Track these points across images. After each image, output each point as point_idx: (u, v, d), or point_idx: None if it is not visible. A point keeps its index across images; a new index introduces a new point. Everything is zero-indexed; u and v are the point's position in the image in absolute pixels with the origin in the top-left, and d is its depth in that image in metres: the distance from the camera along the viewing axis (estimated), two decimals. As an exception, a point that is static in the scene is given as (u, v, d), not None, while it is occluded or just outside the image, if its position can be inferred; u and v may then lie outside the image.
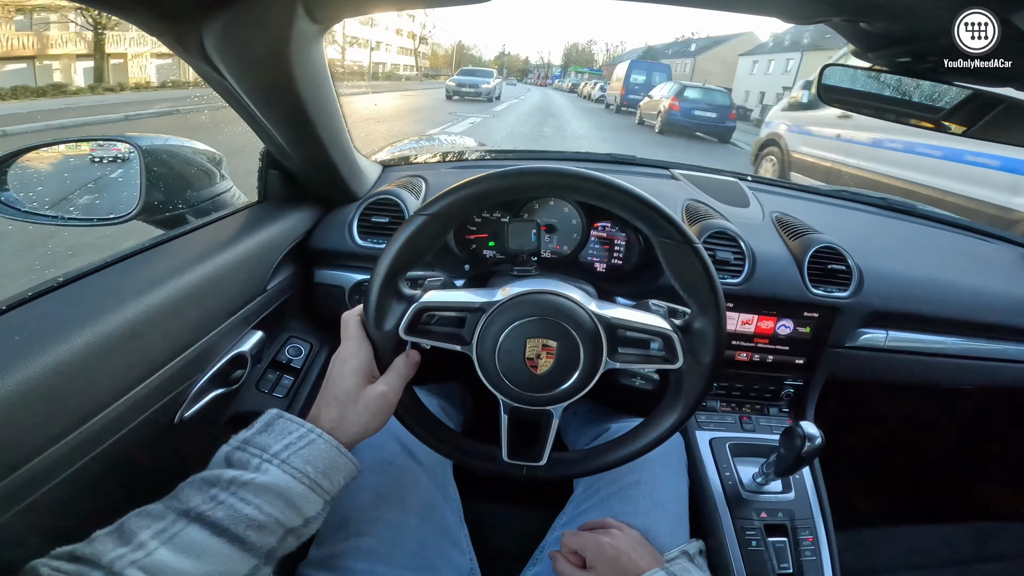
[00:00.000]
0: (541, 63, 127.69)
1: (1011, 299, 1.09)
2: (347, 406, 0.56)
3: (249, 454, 0.50)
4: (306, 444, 0.52)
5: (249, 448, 0.50)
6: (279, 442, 0.51)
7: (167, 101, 9.22)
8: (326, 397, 0.57)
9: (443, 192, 0.58)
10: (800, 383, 1.08)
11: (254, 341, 0.85)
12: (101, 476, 0.58)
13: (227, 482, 0.47)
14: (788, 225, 1.11)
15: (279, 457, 0.50)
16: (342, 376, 0.57)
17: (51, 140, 0.88)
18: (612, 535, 0.69)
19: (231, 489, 0.47)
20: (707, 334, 0.60)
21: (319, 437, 0.53)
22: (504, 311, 0.59)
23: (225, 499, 0.46)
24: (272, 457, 0.50)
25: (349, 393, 0.56)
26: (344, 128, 0.92)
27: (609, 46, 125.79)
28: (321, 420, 0.55)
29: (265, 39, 0.62)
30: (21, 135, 6.59)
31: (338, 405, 0.56)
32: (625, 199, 0.58)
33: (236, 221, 0.90)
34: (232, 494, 0.46)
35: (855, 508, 1.27)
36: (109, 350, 0.56)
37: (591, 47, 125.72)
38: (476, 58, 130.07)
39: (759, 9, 0.61)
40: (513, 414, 0.64)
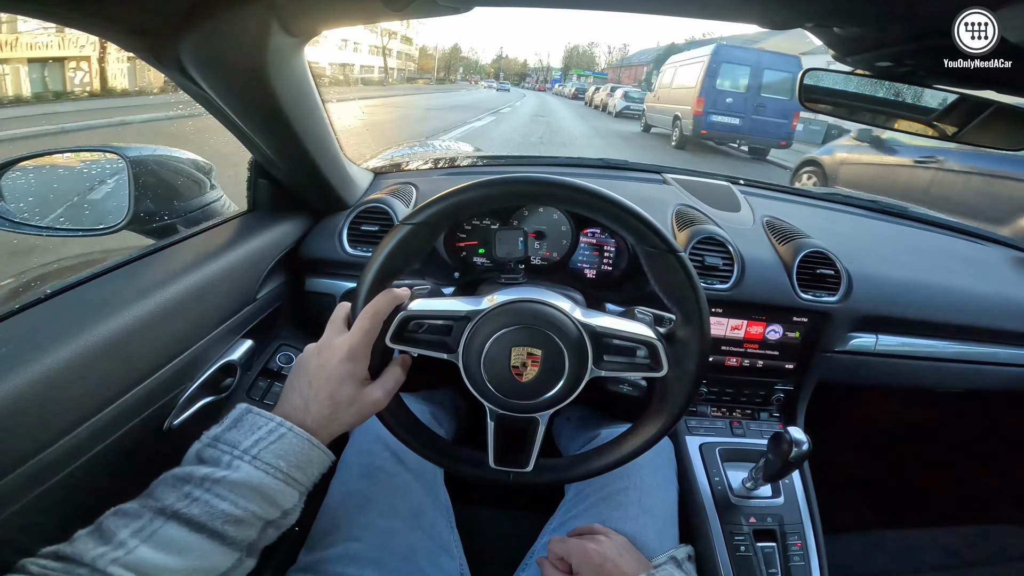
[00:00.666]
0: (540, 66, 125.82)
1: (1000, 302, 1.09)
2: (341, 406, 0.56)
3: (220, 451, 0.49)
4: (276, 439, 0.51)
5: (219, 445, 0.50)
6: (248, 438, 0.51)
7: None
8: (318, 394, 0.55)
9: (428, 202, 0.59)
10: (790, 388, 1.08)
11: (244, 350, 0.85)
12: (90, 481, 0.58)
13: (200, 479, 0.47)
14: (778, 229, 1.11)
15: (249, 453, 0.49)
16: (341, 378, 0.56)
17: (40, 151, 0.88)
18: (598, 541, 0.69)
19: (205, 486, 0.47)
20: (691, 343, 0.61)
21: (289, 431, 0.52)
22: (490, 319, 0.60)
23: (200, 496, 0.46)
24: (243, 453, 0.49)
25: (347, 396, 0.56)
26: (332, 137, 0.93)
27: (612, 48, 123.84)
28: (310, 414, 0.55)
29: (242, 53, 0.62)
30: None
31: (332, 404, 0.55)
32: (608, 207, 0.59)
33: (225, 231, 0.90)
34: (206, 491, 0.46)
35: (845, 512, 1.26)
36: (96, 360, 0.57)
37: (592, 49, 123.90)
38: (473, 61, 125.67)
39: (736, 16, 0.61)
40: (500, 421, 0.64)
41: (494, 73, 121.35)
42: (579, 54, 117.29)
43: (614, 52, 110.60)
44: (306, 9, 0.58)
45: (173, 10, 0.57)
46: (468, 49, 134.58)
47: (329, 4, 0.59)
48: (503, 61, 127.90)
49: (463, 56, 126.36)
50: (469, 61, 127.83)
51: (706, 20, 0.71)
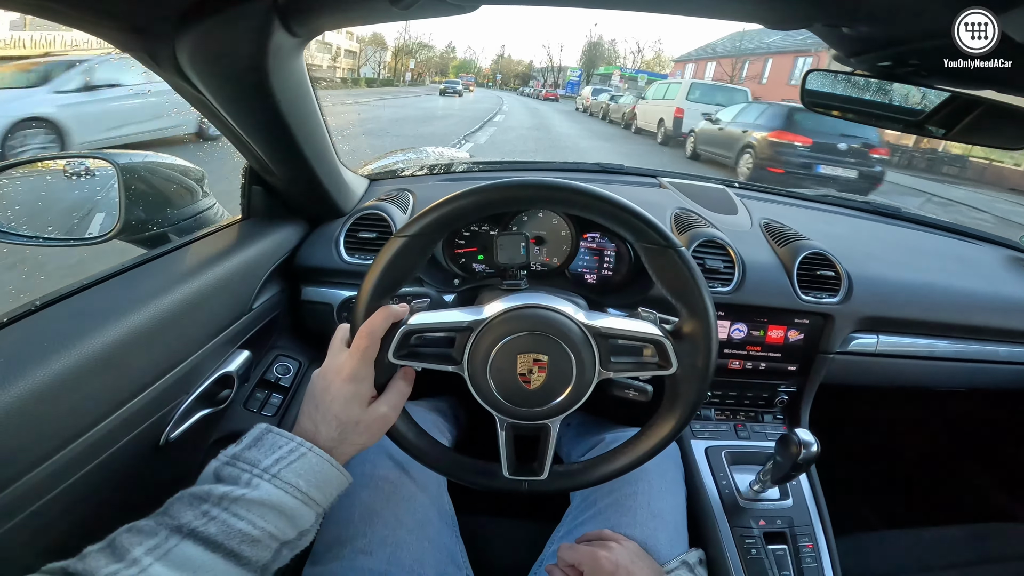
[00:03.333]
0: (548, 66, 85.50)
1: (999, 300, 1.10)
2: (348, 426, 0.56)
3: (239, 469, 0.50)
4: (297, 458, 0.52)
5: (239, 463, 0.50)
6: (269, 456, 0.51)
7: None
8: (325, 416, 0.56)
9: (421, 212, 0.58)
10: (793, 390, 1.08)
11: (240, 361, 0.84)
12: (88, 496, 0.58)
13: (218, 498, 0.47)
14: (776, 232, 1.12)
15: (270, 472, 0.50)
16: (345, 399, 0.57)
17: (27, 158, 0.86)
18: (610, 548, 0.68)
19: (223, 504, 0.47)
20: (699, 337, 0.60)
21: (309, 451, 0.53)
22: (492, 328, 0.59)
23: (217, 515, 0.46)
24: (263, 472, 0.50)
25: (353, 416, 0.57)
26: (328, 142, 0.91)
27: (640, 45, 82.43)
28: (320, 437, 0.55)
29: (241, 53, 0.61)
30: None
31: (339, 425, 0.56)
32: (605, 207, 0.58)
33: (219, 239, 0.88)
34: (224, 509, 0.46)
35: (853, 513, 1.26)
36: (88, 373, 0.56)
37: (614, 47, 78.62)
38: (471, 63, 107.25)
39: (743, 16, 0.61)
40: (511, 430, 0.63)
41: (491, 75, 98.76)
42: (602, 51, 77.27)
43: (642, 49, 73.70)
44: (310, 8, 0.57)
45: (172, 8, 0.55)
46: (467, 49, 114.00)
47: (334, 3, 0.58)
48: (502, 62, 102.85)
49: (454, 58, 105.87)
50: (465, 63, 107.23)
51: (712, 19, 0.70)
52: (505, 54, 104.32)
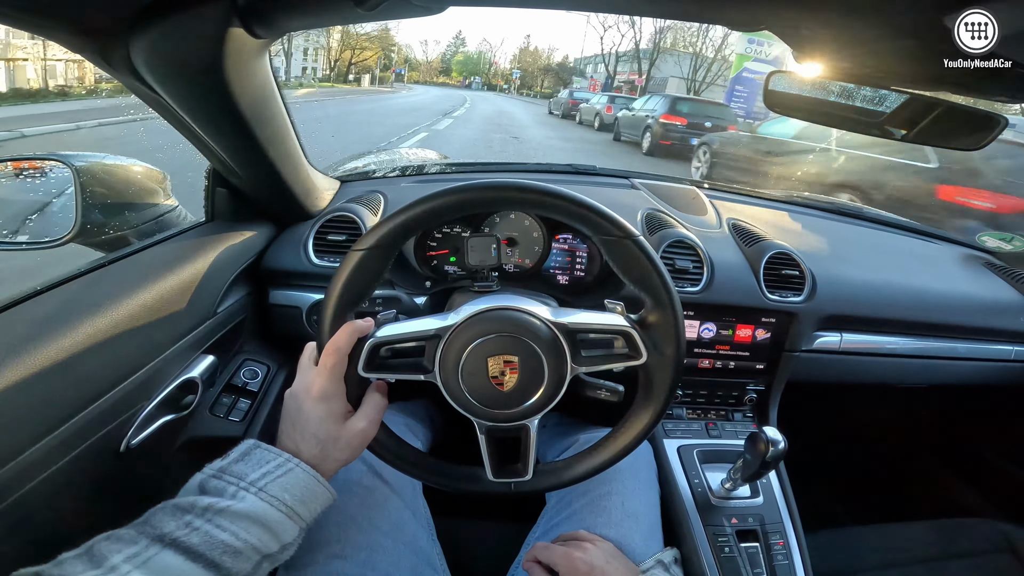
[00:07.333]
0: (581, 59, 56.71)
1: (955, 298, 1.13)
2: (328, 443, 0.57)
3: (225, 482, 0.50)
4: (284, 473, 0.53)
5: (225, 476, 0.51)
6: (256, 471, 0.52)
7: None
8: (303, 434, 0.57)
9: (377, 224, 0.58)
10: (762, 388, 1.09)
11: (205, 365, 0.82)
12: (47, 502, 0.57)
13: (202, 509, 0.47)
14: (744, 232, 1.14)
15: (256, 485, 0.50)
16: (320, 417, 0.57)
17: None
18: (585, 549, 0.68)
19: (206, 516, 0.47)
20: (666, 325, 0.60)
21: (296, 466, 0.54)
22: (460, 333, 0.58)
23: (200, 525, 0.46)
24: (249, 485, 0.50)
25: (331, 433, 0.57)
26: (296, 143, 0.90)
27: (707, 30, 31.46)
28: (302, 455, 0.56)
29: (199, 55, 0.59)
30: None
31: (318, 443, 0.56)
32: (559, 203, 0.58)
33: (181, 242, 0.86)
34: (207, 520, 0.47)
35: (823, 509, 1.29)
36: (41, 380, 0.55)
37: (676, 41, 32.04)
38: (474, 58, 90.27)
39: (705, 18, 0.62)
40: (490, 433, 0.62)
41: (508, 74, 76.11)
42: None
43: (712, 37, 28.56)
44: (272, 10, 0.56)
45: (125, 9, 0.54)
46: (481, 41, 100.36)
47: (297, 5, 0.57)
48: (522, 54, 76.86)
49: (466, 53, 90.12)
50: (471, 60, 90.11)
51: (675, 21, 0.71)
52: (528, 44, 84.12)
